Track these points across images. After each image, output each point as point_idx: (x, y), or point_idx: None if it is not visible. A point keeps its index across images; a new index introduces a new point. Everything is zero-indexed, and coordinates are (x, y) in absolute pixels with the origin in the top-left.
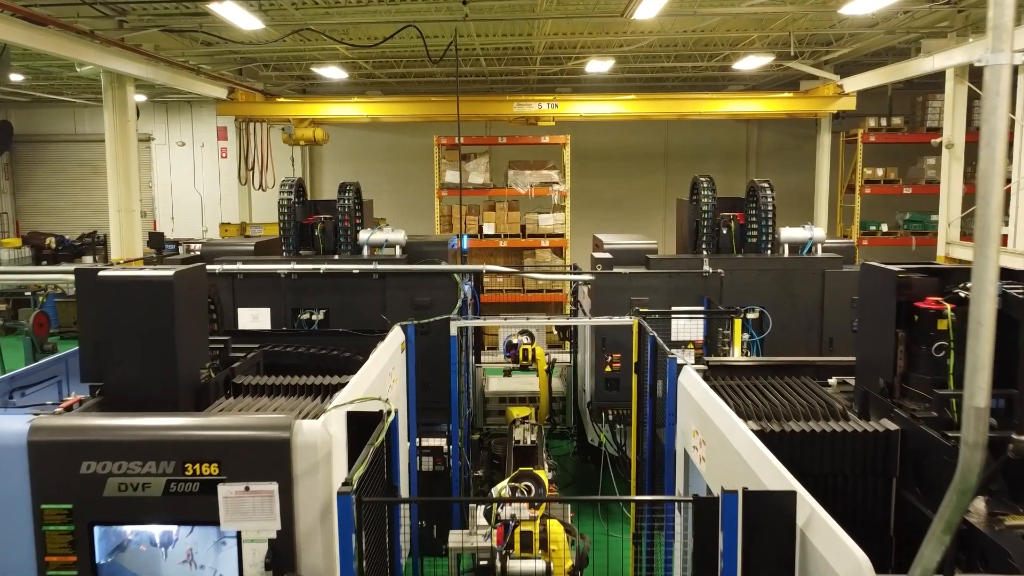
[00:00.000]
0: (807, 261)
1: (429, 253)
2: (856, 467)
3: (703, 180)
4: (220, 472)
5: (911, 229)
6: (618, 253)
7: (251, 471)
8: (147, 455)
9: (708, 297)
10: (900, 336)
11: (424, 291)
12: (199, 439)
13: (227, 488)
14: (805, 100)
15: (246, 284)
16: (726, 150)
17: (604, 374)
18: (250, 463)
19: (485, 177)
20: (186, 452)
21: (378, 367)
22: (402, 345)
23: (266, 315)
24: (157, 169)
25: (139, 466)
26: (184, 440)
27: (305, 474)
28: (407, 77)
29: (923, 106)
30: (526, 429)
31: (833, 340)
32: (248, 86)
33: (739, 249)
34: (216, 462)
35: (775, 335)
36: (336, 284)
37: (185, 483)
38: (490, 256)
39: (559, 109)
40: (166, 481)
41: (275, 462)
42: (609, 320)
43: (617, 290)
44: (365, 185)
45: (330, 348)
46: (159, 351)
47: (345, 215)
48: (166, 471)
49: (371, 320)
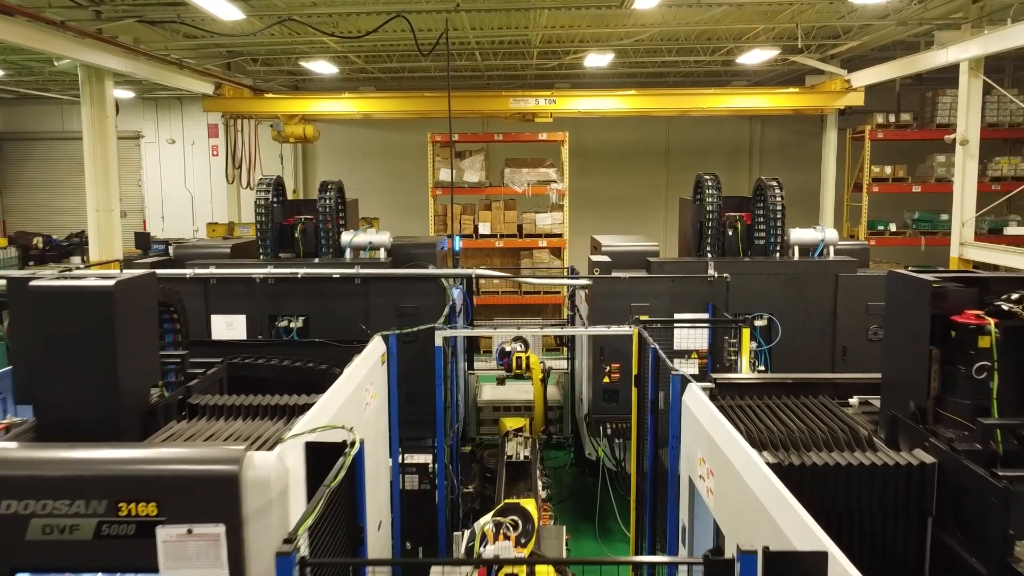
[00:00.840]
0: (819, 265)
1: (416, 256)
2: (887, 504)
3: (707, 178)
4: (159, 513)
5: (920, 229)
6: (617, 256)
7: (195, 511)
8: (76, 493)
9: (713, 303)
10: (934, 354)
11: (410, 297)
12: (135, 475)
13: (167, 531)
14: (811, 95)
15: (220, 290)
16: (729, 148)
17: (602, 385)
18: (193, 502)
19: (481, 175)
20: (120, 490)
21: (352, 384)
22: (382, 357)
23: (241, 323)
24: (147, 167)
25: (66, 506)
26: (118, 476)
27: (257, 514)
28: (401, 72)
29: (932, 102)
30: (519, 443)
31: (847, 349)
32: (236, 81)
33: (746, 252)
34: (154, 501)
35: (784, 343)
36: (316, 289)
37: (119, 525)
38: (486, 257)
39: (557, 105)
40: (97, 523)
41: (222, 501)
42: (607, 329)
43: (616, 296)
44: (359, 184)
45: (305, 360)
46: (97, 371)
47: (326, 215)
48: (97, 511)
49: (353, 328)
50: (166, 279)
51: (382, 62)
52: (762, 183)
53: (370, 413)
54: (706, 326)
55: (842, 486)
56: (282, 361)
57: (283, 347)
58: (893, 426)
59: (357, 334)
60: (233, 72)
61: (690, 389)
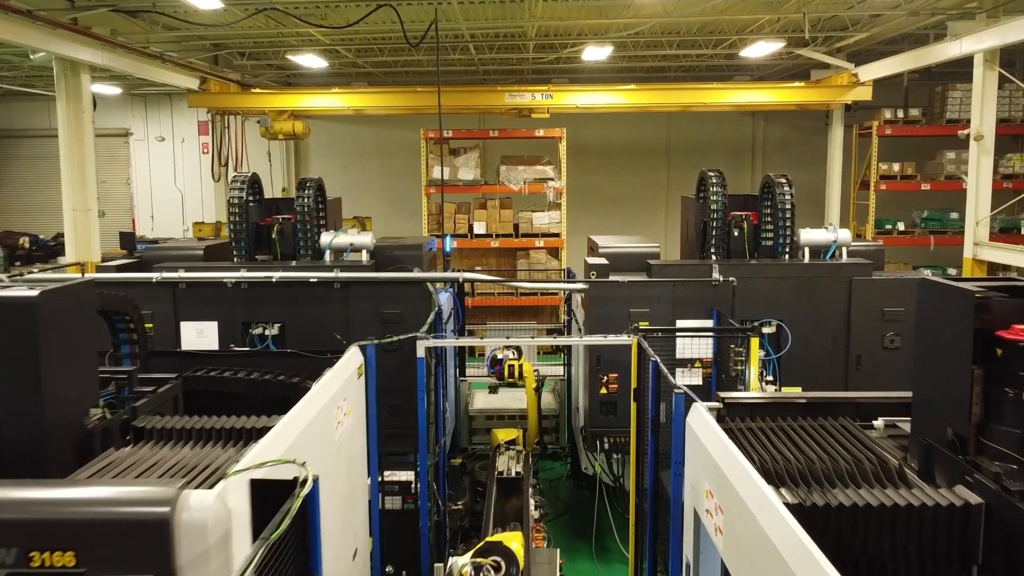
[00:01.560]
0: (831, 268)
1: (400, 259)
2: (924, 550)
3: (712, 174)
4: (77, 563)
5: (929, 228)
6: (615, 258)
7: (119, 561)
8: None
9: (718, 309)
10: (977, 375)
11: (393, 302)
12: (50, 518)
13: None
14: (818, 90)
15: (190, 295)
16: (731, 145)
17: (599, 396)
18: (118, 551)
19: (476, 173)
20: (32, 536)
21: (318, 403)
22: (359, 369)
23: (213, 330)
24: (136, 165)
25: None
26: (30, 520)
27: (192, 564)
28: (393, 67)
29: (942, 97)
30: (511, 457)
31: (861, 358)
32: (222, 76)
33: (752, 253)
34: (72, 550)
35: (794, 352)
36: (292, 295)
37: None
38: (481, 257)
39: (554, 100)
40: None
41: (151, 549)
42: (603, 339)
43: (614, 302)
44: (353, 182)
45: (276, 372)
46: (18, 392)
47: (305, 215)
48: (5, 561)
49: (332, 335)
50: (123, 284)
51: (373, 56)
52: (770, 180)
53: (343, 432)
54: (711, 335)
55: (872, 530)
56: (250, 374)
57: (256, 358)
58: (927, 456)
59: (336, 342)
60: (220, 67)
61: (695, 410)
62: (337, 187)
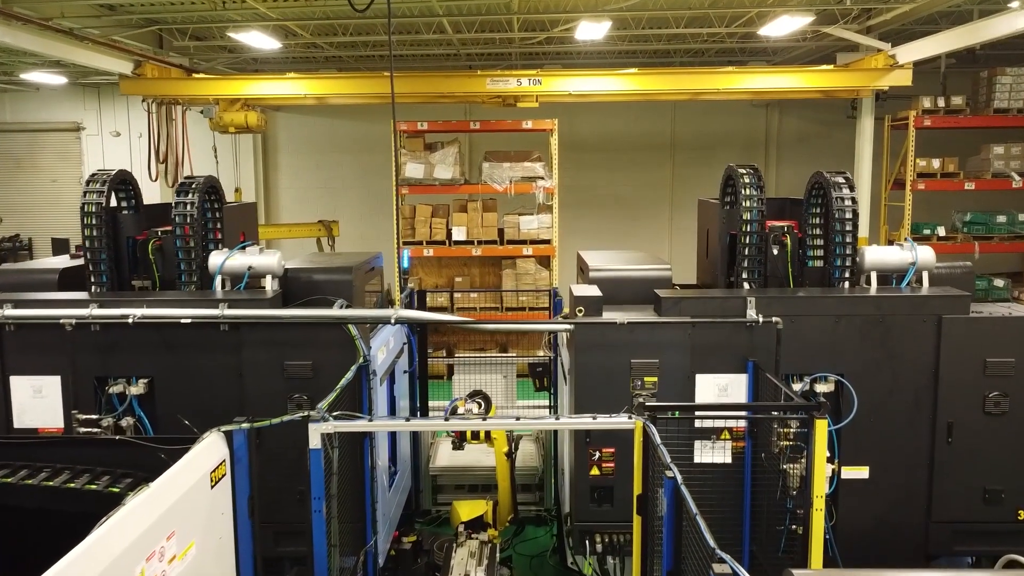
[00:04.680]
0: (913, 301)
1: (322, 287)
2: None
3: (744, 172)
4: None
5: (972, 232)
6: (610, 285)
7: None
8: None
9: (755, 360)
10: None
11: (303, 350)
12: None
13: None
14: (850, 74)
15: (22, 339)
16: (742, 139)
17: (589, 480)
18: None
19: (454, 171)
20: None
21: None
22: (216, 472)
23: (55, 387)
24: (88, 162)
25: None
26: None
27: None
28: (363, 49)
29: (988, 83)
30: (472, 552)
31: (953, 427)
32: (162, 59)
33: (796, 278)
34: None
35: (861, 417)
36: (163, 339)
37: None
38: (462, 267)
39: (543, 86)
40: None
41: None
42: (590, 421)
43: (610, 348)
44: (327, 180)
45: (96, 471)
46: None
47: (186, 227)
48: None
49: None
50: None
51: (334, 36)
52: (823, 179)
53: None
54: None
55: None
56: (55, 475)
57: (74, 447)
58: None
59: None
60: (165, 50)
61: None
62: (310, 187)
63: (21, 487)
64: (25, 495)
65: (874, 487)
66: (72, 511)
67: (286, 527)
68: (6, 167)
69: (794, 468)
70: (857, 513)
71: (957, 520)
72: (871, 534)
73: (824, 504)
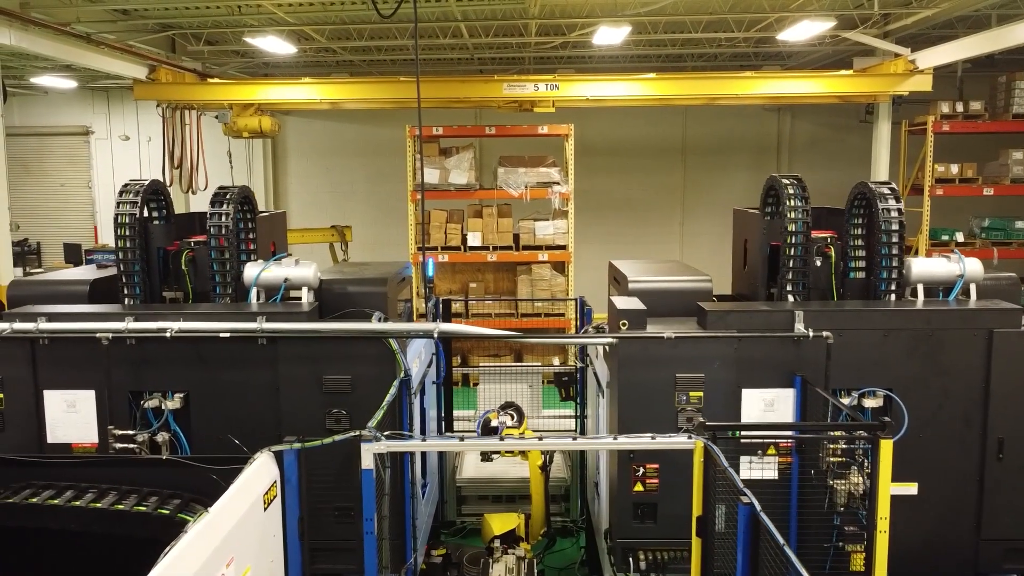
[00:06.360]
0: (963, 315)
1: (356, 300)
2: None
3: (788, 183)
4: None
5: (991, 238)
6: (651, 297)
7: None
8: None
9: (803, 375)
10: None
11: (340, 365)
12: None
13: None
14: (868, 79)
15: (55, 353)
16: (754, 143)
17: (632, 496)
18: None
19: (470, 176)
20: None
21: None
22: (268, 494)
23: (89, 402)
24: (98, 167)
25: None
26: None
27: None
28: (376, 54)
29: (1007, 88)
30: (510, 569)
31: (1004, 444)
32: (178, 64)
33: (839, 290)
34: None
35: (910, 434)
36: (198, 353)
37: None
38: (476, 272)
39: (560, 91)
40: None
41: None
42: (648, 440)
43: (654, 363)
44: (336, 186)
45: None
46: None
47: (221, 238)
48: None
49: (255, 408)
50: None
51: (350, 40)
52: (867, 190)
53: None
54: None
55: None
56: (99, 497)
57: (115, 467)
58: None
59: (268, 411)
60: (178, 54)
61: None
62: (319, 191)
63: (67, 509)
64: (71, 517)
65: (923, 503)
66: (119, 534)
67: (322, 544)
68: (14, 171)
69: (842, 484)
70: (906, 530)
71: (1008, 538)
72: (920, 551)
73: (888, 526)
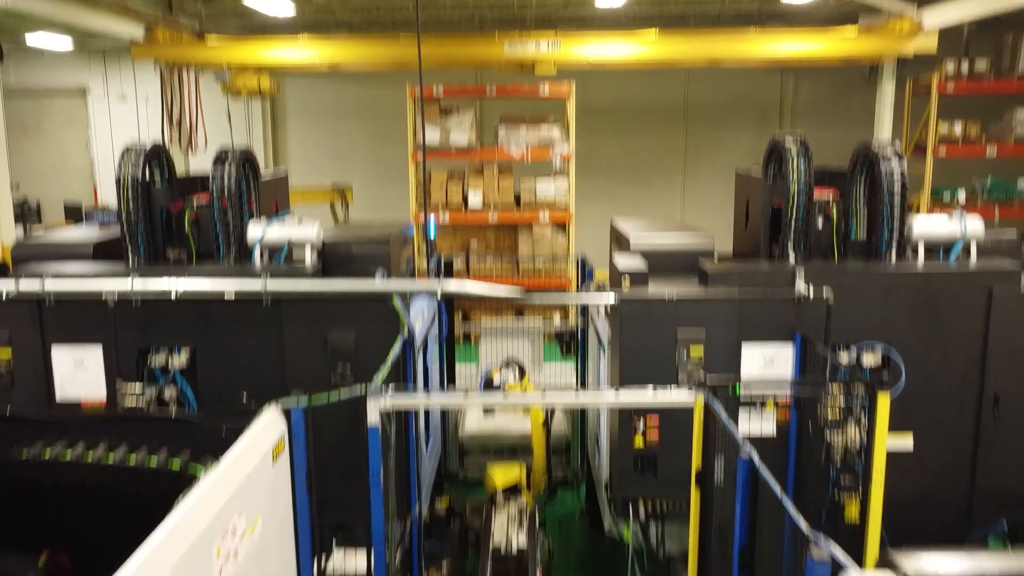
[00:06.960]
0: (962, 274)
1: (359, 259)
2: None
3: (791, 143)
4: None
5: (993, 197)
6: (655, 258)
7: None
8: None
9: (803, 333)
10: None
11: (344, 324)
12: None
13: None
14: (871, 39)
15: (63, 313)
16: (756, 105)
17: (632, 451)
18: None
19: (470, 136)
20: None
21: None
22: (277, 447)
23: (96, 357)
24: (95, 127)
25: None
26: None
27: None
28: (376, 15)
29: (1013, 47)
30: (512, 518)
31: (1000, 400)
32: (174, 24)
33: (841, 250)
34: None
35: (907, 390)
36: (203, 312)
37: None
38: (477, 233)
39: (561, 51)
40: None
41: None
42: (651, 396)
43: (655, 322)
44: (336, 147)
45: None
46: None
47: (224, 198)
48: None
49: (259, 364)
50: None
51: (349, 1)
52: (869, 150)
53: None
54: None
55: None
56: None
57: (122, 423)
58: None
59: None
60: (175, 13)
61: None
62: (319, 152)
63: (78, 464)
64: (84, 472)
65: (919, 457)
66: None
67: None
68: (12, 132)
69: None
70: (903, 485)
71: (1002, 488)
72: (916, 504)
73: (883, 479)
